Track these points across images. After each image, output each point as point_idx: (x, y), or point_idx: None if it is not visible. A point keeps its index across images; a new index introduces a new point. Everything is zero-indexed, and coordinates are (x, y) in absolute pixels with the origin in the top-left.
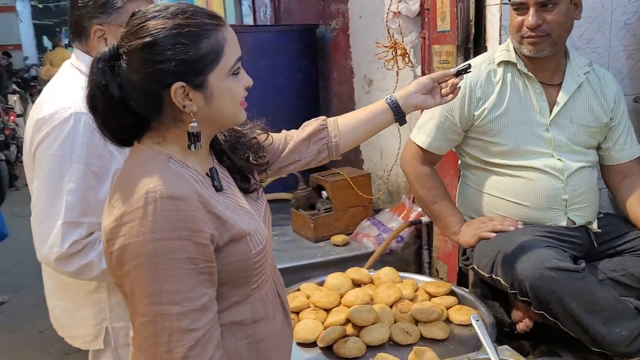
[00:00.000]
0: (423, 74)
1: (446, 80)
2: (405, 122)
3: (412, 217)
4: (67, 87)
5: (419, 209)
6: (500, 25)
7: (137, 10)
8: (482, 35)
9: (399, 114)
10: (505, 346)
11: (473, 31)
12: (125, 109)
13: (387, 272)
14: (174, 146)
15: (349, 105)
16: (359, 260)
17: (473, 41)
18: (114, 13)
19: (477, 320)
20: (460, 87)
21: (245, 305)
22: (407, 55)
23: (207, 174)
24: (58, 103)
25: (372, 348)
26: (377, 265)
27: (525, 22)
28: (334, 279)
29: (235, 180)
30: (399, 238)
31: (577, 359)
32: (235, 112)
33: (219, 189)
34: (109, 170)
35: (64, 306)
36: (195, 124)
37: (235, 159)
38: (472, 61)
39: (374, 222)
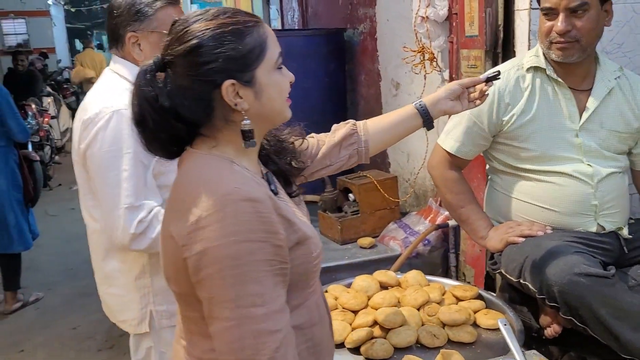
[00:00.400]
0: (451, 78)
1: (474, 86)
2: (433, 127)
3: (439, 220)
4: (107, 89)
5: (446, 213)
6: (529, 30)
7: (177, 18)
8: (511, 40)
9: (427, 119)
10: (534, 351)
11: (502, 36)
12: (176, 118)
13: (414, 275)
14: (228, 149)
15: (376, 108)
16: (385, 262)
17: (502, 46)
18: (145, 20)
19: (505, 325)
20: (488, 93)
21: (303, 309)
22: (434, 59)
23: (262, 178)
24: (101, 104)
25: (399, 350)
26: (404, 268)
27: (555, 27)
28: (361, 281)
29: (280, 184)
30: (426, 241)
31: None
32: (282, 108)
33: (275, 192)
34: (151, 158)
35: (113, 293)
36: (248, 121)
37: (281, 164)
38: (500, 67)
39: (400, 225)
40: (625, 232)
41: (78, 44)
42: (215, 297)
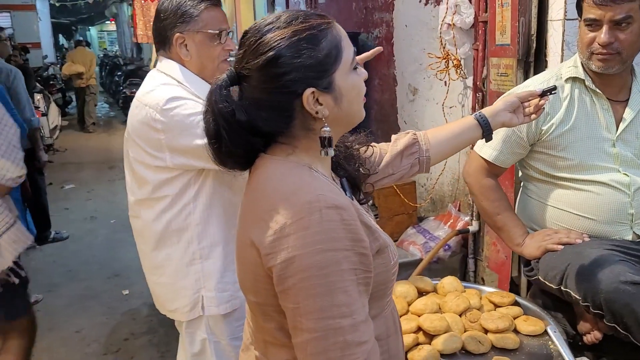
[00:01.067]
0: (475, 85)
1: (529, 100)
2: (492, 138)
3: (459, 225)
4: (158, 84)
5: (466, 218)
6: (563, 41)
7: (247, 28)
8: (543, 50)
9: (487, 131)
10: (584, 358)
11: (534, 45)
12: (253, 132)
13: (450, 281)
14: (305, 156)
15: (390, 113)
16: (406, 267)
17: (534, 55)
18: (191, 22)
19: (555, 332)
20: (544, 108)
21: (380, 319)
22: (460, 66)
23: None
24: (156, 93)
25: (444, 357)
26: (424, 273)
27: (597, 39)
28: (399, 286)
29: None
30: (447, 246)
31: None
32: (360, 108)
33: (351, 199)
34: None
35: (163, 282)
36: (328, 128)
37: (350, 170)
38: (538, 77)
39: (419, 230)
40: None
41: (62, 39)
42: (301, 308)
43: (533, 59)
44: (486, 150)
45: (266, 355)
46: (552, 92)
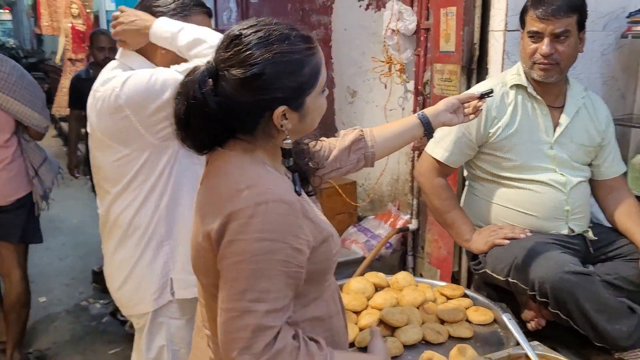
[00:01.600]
0: (416, 89)
1: (469, 102)
2: (433, 137)
3: (399, 224)
4: (117, 72)
5: (405, 216)
6: (504, 50)
7: (237, 33)
8: (485, 58)
9: (429, 130)
10: (537, 342)
11: (477, 54)
12: (219, 121)
13: (404, 276)
14: (261, 153)
15: (327, 115)
16: (348, 265)
17: (477, 63)
18: (181, 21)
19: (510, 319)
20: (482, 109)
21: (321, 301)
22: (404, 70)
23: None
24: (115, 78)
25: (406, 348)
26: (367, 270)
27: (539, 50)
28: (357, 282)
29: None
30: (388, 244)
31: (574, 354)
32: (316, 125)
33: (299, 193)
34: None
35: (130, 274)
36: (289, 141)
37: (300, 164)
38: (485, 83)
39: (360, 228)
40: (590, 234)
41: None
42: (227, 287)
43: (476, 66)
44: (438, 151)
45: (216, 334)
46: (489, 94)
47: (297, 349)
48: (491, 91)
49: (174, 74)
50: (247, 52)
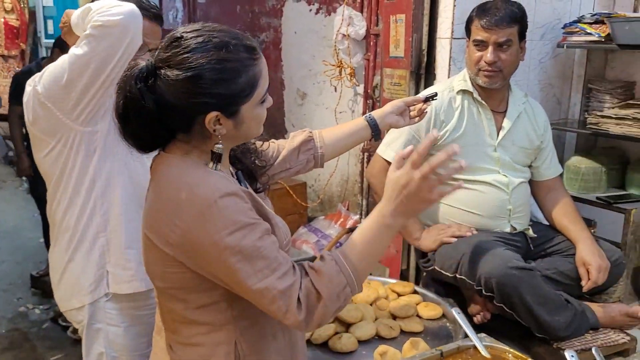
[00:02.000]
0: (366, 92)
1: (415, 104)
2: (380, 138)
3: (349, 224)
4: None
5: (355, 217)
6: (450, 57)
7: (178, 35)
8: (433, 64)
9: (376, 131)
10: (484, 334)
11: (425, 59)
12: (157, 120)
13: None
14: (201, 154)
15: (277, 116)
16: None
17: (425, 68)
18: None
19: (459, 313)
20: (427, 112)
21: None
22: (354, 74)
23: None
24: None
25: (361, 342)
26: None
27: (484, 57)
28: None
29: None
30: (338, 244)
31: (517, 345)
32: (258, 131)
33: (245, 188)
34: None
35: (69, 265)
36: (220, 145)
37: (247, 162)
38: (434, 88)
39: (310, 229)
40: (531, 232)
41: None
42: (231, 282)
43: (424, 71)
44: (389, 153)
45: (177, 334)
46: (434, 97)
47: (321, 279)
48: (435, 94)
49: (72, 51)
50: (184, 55)
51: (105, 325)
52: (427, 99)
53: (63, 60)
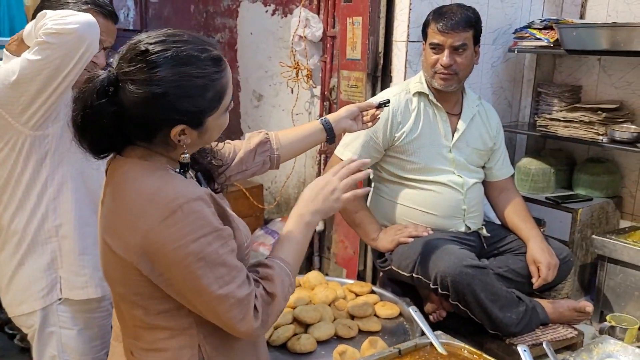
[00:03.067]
0: (322, 94)
1: (368, 110)
2: (334, 142)
3: None
4: None
5: None
6: (406, 60)
7: (143, 48)
8: (389, 67)
9: (331, 134)
10: (440, 332)
11: (382, 62)
12: (115, 128)
13: (315, 275)
14: (161, 157)
15: (233, 118)
16: None
17: (381, 70)
18: None
19: (416, 312)
20: (379, 117)
21: None
22: (311, 76)
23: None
24: None
25: (320, 343)
26: None
27: (440, 60)
28: None
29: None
30: None
31: (471, 341)
32: (217, 136)
33: (206, 190)
34: None
35: (18, 270)
36: (187, 155)
37: (204, 163)
38: (390, 90)
39: (267, 231)
40: (484, 231)
41: None
42: (187, 290)
43: (380, 74)
44: (347, 154)
45: (137, 339)
46: (386, 104)
47: (271, 285)
48: (388, 101)
49: (25, 56)
50: (152, 72)
51: (58, 329)
52: (380, 105)
53: (14, 63)
